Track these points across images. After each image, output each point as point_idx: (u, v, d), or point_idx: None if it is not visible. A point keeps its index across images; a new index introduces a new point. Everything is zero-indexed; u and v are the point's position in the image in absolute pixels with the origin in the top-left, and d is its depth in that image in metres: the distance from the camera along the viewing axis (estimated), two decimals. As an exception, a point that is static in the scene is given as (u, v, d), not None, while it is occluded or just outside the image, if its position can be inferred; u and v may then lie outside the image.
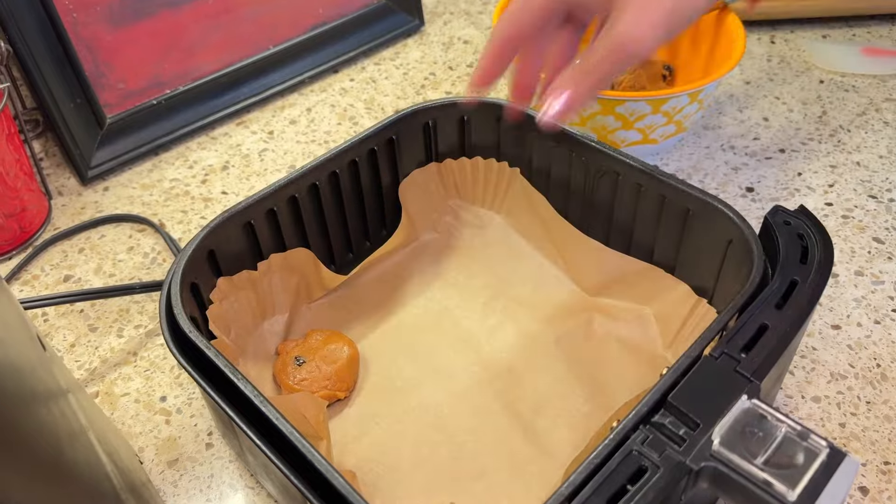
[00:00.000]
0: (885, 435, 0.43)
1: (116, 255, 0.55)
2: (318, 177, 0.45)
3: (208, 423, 0.44)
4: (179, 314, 0.36)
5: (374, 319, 0.48)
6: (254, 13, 0.66)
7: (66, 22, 0.56)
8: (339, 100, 0.68)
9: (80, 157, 0.59)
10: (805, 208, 0.39)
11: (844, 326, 0.49)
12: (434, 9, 0.80)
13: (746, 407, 0.31)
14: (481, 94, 0.43)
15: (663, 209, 0.43)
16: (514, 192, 0.50)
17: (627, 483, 0.29)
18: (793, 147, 0.61)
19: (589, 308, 0.47)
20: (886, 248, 0.53)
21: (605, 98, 0.52)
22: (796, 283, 0.35)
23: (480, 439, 0.42)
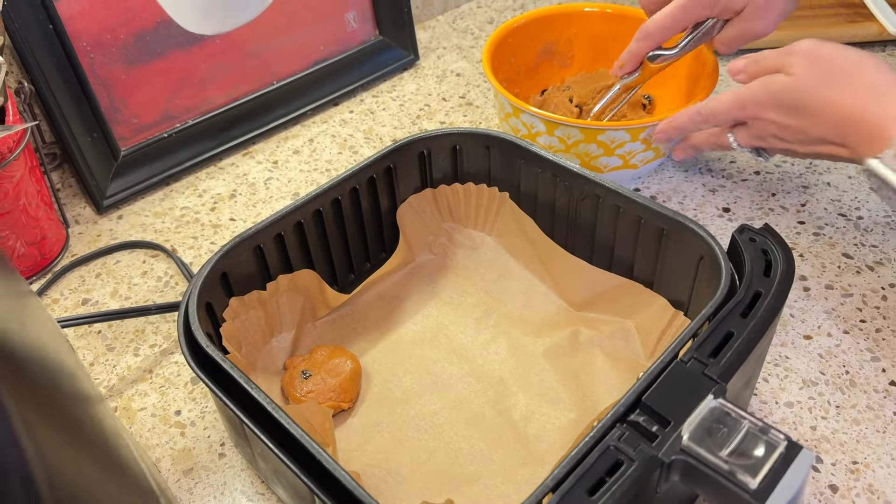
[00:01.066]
0: (853, 437, 0.46)
1: (131, 280, 0.58)
2: (322, 203, 0.48)
3: (221, 435, 0.48)
4: (197, 331, 0.40)
5: (375, 335, 0.51)
6: (259, 51, 0.70)
7: (84, 62, 0.60)
8: (339, 130, 0.72)
9: (96, 187, 0.63)
10: (769, 226, 0.43)
11: (815, 336, 0.52)
12: (428, 44, 0.84)
13: (713, 406, 0.34)
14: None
15: (640, 229, 0.46)
16: (503, 215, 0.54)
17: (606, 475, 0.32)
18: (767, 169, 0.65)
19: (575, 322, 0.50)
20: (855, 263, 0.57)
21: (587, 128, 0.56)
22: (760, 294, 0.39)
23: (475, 445, 0.45)
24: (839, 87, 0.46)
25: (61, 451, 0.18)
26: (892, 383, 0.49)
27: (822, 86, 0.47)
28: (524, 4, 0.91)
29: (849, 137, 0.46)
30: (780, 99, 0.49)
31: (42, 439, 0.17)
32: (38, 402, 0.18)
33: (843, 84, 0.46)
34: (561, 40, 0.70)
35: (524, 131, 0.59)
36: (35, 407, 0.17)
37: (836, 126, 0.47)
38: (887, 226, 0.60)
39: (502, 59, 0.63)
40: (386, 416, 0.47)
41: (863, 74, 0.46)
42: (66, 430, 0.19)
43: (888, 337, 0.51)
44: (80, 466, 0.19)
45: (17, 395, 0.16)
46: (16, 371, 0.17)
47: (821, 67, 0.47)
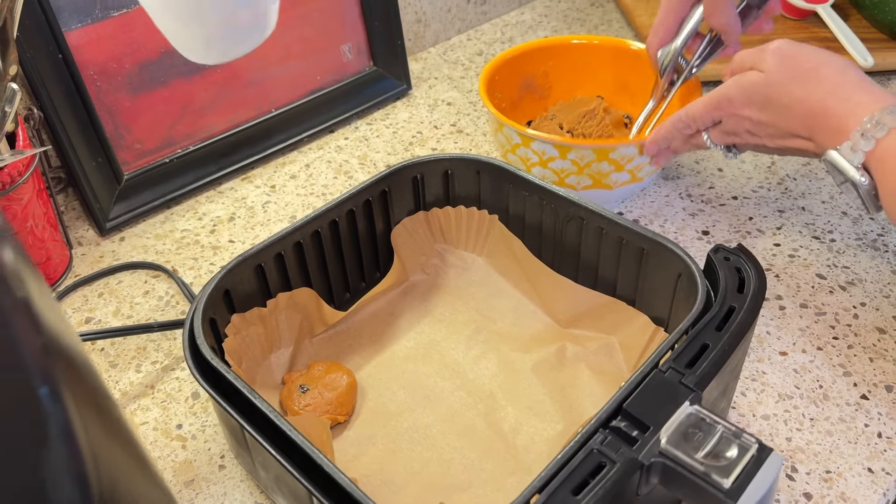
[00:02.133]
0: (826, 447, 0.49)
1: (133, 299, 0.60)
2: (320, 224, 0.51)
3: (221, 447, 0.49)
4: (202, 344, 0.42)
5: (370, 351, 0.53)
6: (258, 80, 0.73)
7: (91, 90, 0.63)
8: (335, 156, 0.75)
9: (100, 210, 0.65)
10: (742, 246, 0.45)
11: (791, 353, 0.54)
12: (420, 74, 0.87)
13: (689, 412, 0.36)
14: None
15: (622, 249, 0.49)
16: (493, 236, 0.57)
17: (589, 476, 0.34)
18: (745, 194, 0.68)
19: (561, 338, 0.53)
20: (828, 283, 0.60)
21: (599, 147, 0.59)
22: (734, 308, 0.41)
23: (466, 456, 0.47)
24: (807, 84, 0.49)
25: (105, 446, 0.20)
26: (864, 397, 0.51)
27: (791, 82, 0.50)
28: (512, 37, 0.95)
29: (815, 131, 0.49)
30: (752, 94, 0.52)
31: (92, 437, 0.19)
32: (85, 399, 0.20)
33: (810, 80, 0.49)
34: (538, 73, 0.73)
35: (535, 159, 0.62)
36: (84, 405, 0.19)
37: (803, 120, 0.50)
38: (859, 248, 0.63)
39: (492, 97, 0.67)
40: (381, 428, 0.49)
41: (828, 72, 0.49)
42: (106, 427, 0.21)
43: (859, 353, 0.54)
44: (118, 461, 0.21)
45: (74, 393, 0.19)
46: (70, 369, 0.19)
47: (790, 65, 0.50)
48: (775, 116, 0.51)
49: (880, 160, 0.46)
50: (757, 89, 0.51)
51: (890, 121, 0.45)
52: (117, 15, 0.63)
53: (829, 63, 0.49)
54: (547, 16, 0.99)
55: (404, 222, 0.56)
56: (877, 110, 0.46)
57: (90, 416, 0.20)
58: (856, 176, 0.47)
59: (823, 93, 0.48)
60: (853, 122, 0.47)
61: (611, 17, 0.98)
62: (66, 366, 0.18)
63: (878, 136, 0.45)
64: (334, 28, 0.77)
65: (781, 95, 0.50)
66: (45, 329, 0.17)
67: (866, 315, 0.57)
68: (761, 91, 0.51)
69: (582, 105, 0.69)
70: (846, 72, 0.49)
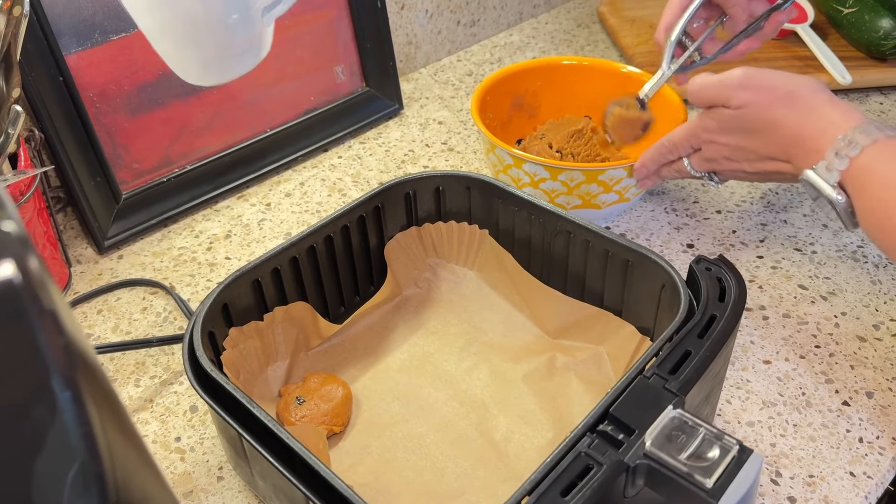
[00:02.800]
0: (809, 452, 0.50)
1: (132, 315, 0.61)
2: (315, 240, 0.52)
3: (219, 459, 0.50)
4: (202, 356, 0.43)
5: (365, 364, 0.54)
6: (253, 101, 0.74)
7: (91, 111, 0.64)
8: (329, 175, 0.77)
9: (98, 228, 0.66)
10: (723, 257, 0.47)
11: (774, 361, 0.56)
12: (412, 94, 0.89)
13: (672, 416, 0.38)
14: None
15: (608, 261, 0.51)
16: (484, 250, 0.58)
17: (577, 478, 0.35)
18: (728, 208, 0.70)
19: (551, 349, 0.54)
20: (810, 294, 0.61)
21: (589, 170, 0.61)
22: (715, 317, 0.43)
23: (459, 464, 0.48)
24: (781, 109, 0.51)
25: (120, 449, 0.22)
26: (845, 403, 0.53)
27: (765, 110, 0.52)
28: (500, 58, 0.97)
29: (792, 154, 0.51)
30: (728, 124, 0.54)
31: (110, 439, 0.21)
32: (101, 403, 0.21)
33: (784, 106, 0.51)
34: (528, 93, 0.75)
35: (526, 179, 0.64)
36: (101, 407, 0.21)
37: (780, 143, 0.52)
38: (839, 259, 0.64)
39: (484, 117, 0.68)
40: (375, 438, 0.50)
41: (801, 95, 0.51)
42: (120, 430, 0.23)
43: (840, 361, 0.56)
44: (131, 463, 0.23)
45: (94, 397, 0.20)
46: (88, 373, 0.20)
47: (763, 94, 0.52)
48: (752, 142, 0.53)
49: (855, 178, 0.47)
50: (735, 122, 0.53)
51: (862, 139, 0.47)
52: (116, 39, 0.65)
53: (800, 86, 0.51)
54: (535, 37, 1.01)
55: (397, 237, 0.57)
56: (849, 129, 0.48)
57: (107, 418, 0.21)
58: (832, 195, 0.48)
59: (797, 116, 0.50)
60: (827, 141, 0.48)
61: (597, 37, 1.00)
62: (85, 370, 0.20)
63: (851, 155, 0.47)
64: (328, 50, 0.79)
65: (757, 122, 0.52)
66: (67, 333, 0.19)
67: (847, 324, 0.59)
68: (739, 123, 0.53)
69: (571, 124, 0.71)
70: (818, 93, 0.51)
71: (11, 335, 0.17)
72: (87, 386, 0.20)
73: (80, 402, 0.20)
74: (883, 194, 0.46)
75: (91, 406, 0.20)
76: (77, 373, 0.20)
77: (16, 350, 0.18)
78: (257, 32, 0.73)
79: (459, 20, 0.96)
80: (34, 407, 0.19)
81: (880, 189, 0.46)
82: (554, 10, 1.08)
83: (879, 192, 0.46)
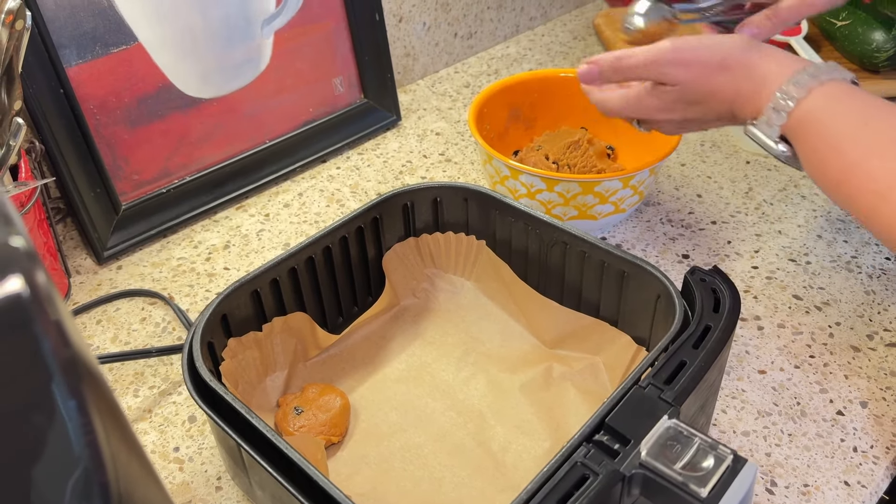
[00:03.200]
0: (804, 462, 0.50)
1: (130, 326, 0.62)
2: (314, 251, 0.52)
3: (218, 469, 0.50)
4: (201, 367, 0.43)
5: (363, 374, 0.55)
6: (252, 112, 0.75)
7: (91, 123, 0.65)
8: (327, 185, 0.77)
9: (98, 239, 0.66)
10: (717, 268, 0.47)
11: (769, 371, 0.56)
12: (409, 106, 0.90)
13: (668, 426, 0.38)
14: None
15: (604, 272, 0.51)
16: (481, 261, 0.59)
17: (573, 488, 0.36)
18: (723, 219, 0.71)
19: (548, 359, 0.55)
20: (804, 304, 0.62)
21: (585, 181, 0.61)
22: (710, 327, 0.43)
23: (457, 474, 0.48)
24: (718, 78, 0.50)
25: (122, 456, 0.22)
26: (839, 413, 0.53)
27: (703, 80, 0.51)
28: (497, 70, 0.98)
29: (736, 115, 0.51)
30: (670, 103, 0.53)
31: (114, 450, 0.21)
32: (104, 411, 0.21)
33: (720, 74, 0.50)
34: (525, 104, 0.76)
35: (522, 191, 0.64)
36: (104, 416, 0.21)
37: (724, 108, 0.51)
38: (833, 270, 0.65)
39: (481, 128, 0.69)
40: (373, 448, 0.50)
41: (734, 59, 0.50)
42: (122, 438, 0.23)
43: (835, 371, 0.56)
44: (133, 471, 0.23)
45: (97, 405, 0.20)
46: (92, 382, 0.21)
47: (697, 69, 0.51)
48: (696, 111, 0.53)
49: (794, 129, 0.47)
50: (675, 100, 0.52)
51: (796, 91, 0.46)
52: (117, 51, 0.65)
53: (731, 49, 0.50)
54: (531, 49, 1.02)
55: (395, 248, 0.58)
56: (783, 82, 0.47)
57: (110, 428, 0.21)
58: (776, 148, 0.48)
59: (735, 81, 0.49)
60: (766, 97, 0.48)
61: (593, 49, 1.01)
62: (89, 380, 0.20)
63: (788, 110, 0.47)
64: (326, 62, 0.79)
65: (698, 95, 0.51)
66: (73, 345, 0.19)
67: (841, 334, 0.59)
68: (678, 98, 0.52)
69: (567, 136, 0.72)
70: (748, 51, 0.50)
71: (20, 346, 0.18)
72: (92, 396, 0.21)
73: (85, 412, 0.20)
74: (818, 144, 0.45)
75: (95, 416, 0.20)
76: (82, 383, 0.20)
77: (23, 360, 0.18)
78: (256, 45, 0.73)
79: (457, 32, 0.97)
80: (40, 416, 0.20)
81: (816, 139, 0.45)
82: (550, 22, 1.09)
83: (815, 143, 0.46)
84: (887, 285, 0.63)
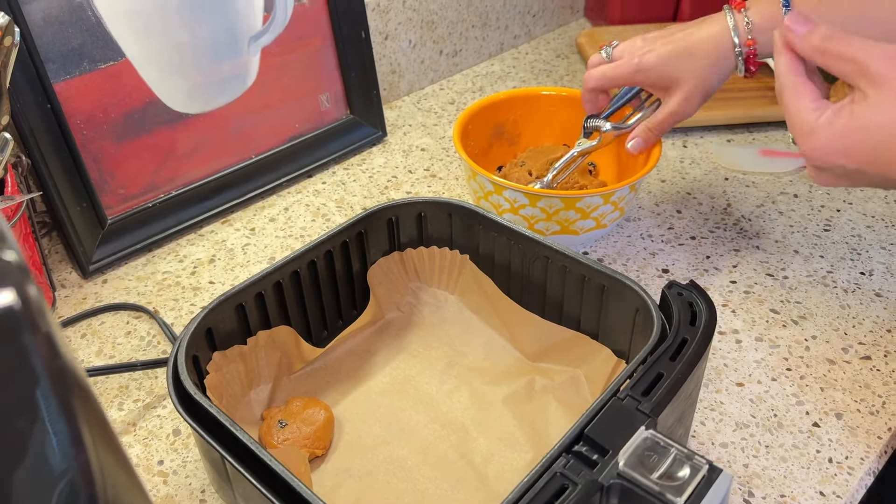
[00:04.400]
0: (781, 473, 0.51)
1: (115, 340, 0.62)
2: (299, 265, 0.53)
3: (202, 482, 0.51)
4: (186, 380, 0.44)
5: (347, 387, 0.55)
6: (239, 127, 0.76)
7: (77, 138, 0.65)
8: (313, 200, 0.78)
9: (83, 253, 0.67)
10: (694, 282, 0.49)
11: (747, 384, 0.58)
12: (395, 122, 0.91)
13: (645, 436, 0.39)
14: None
15: (585, 286, 0.52)
16: (464, 275, 0.59)
17: (553, 498, 0.36)
18: (702, 234, 0.72)
19: (530, 371, 0.55)
20: (781, 318, 0.63)
21: (567, 196, 0.63)
22: (687, 340, 0.44)
23: (440, 486, 0.49)
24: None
25: (112, 469, 0.23)
26: (815, 424, 0.54)
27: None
28: (482, 87, 0.99)
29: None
30: (850, 142, 0.43)
31: (102, 461, 0.22)
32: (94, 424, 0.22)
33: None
34: (508, 121, 0.77)
35: (506, 206, 0.65)
36: (94, 428, 0.22)
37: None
38: (810, 284, 0.66)
39: (466, 144, 0.70)
40: (357, 461, 0.50)
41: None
42: (113, 451, 0.24)
43: (811, 383, 0.57)
44: (120, 481, 0.23)
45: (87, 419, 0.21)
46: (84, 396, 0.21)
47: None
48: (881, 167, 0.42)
49: None
50: (858, 135, 0.42)
51: None
52: (104, 67, 0.66)
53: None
54: (515, 67, 1.04)
55: (380, 262, 0.58)
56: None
57: (98, 439, 0.22)
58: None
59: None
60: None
61: (575, 68, 1.03)
62: (78, 392, 0.21)
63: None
64: (312, 78, 0.80)
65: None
66: (63, 357, 0.20)
67: (817, 347, 0.60)
68: (865, 137, 0.41)
69: (549, 152, 0.73)
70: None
71: (11, 358, 0.18)
72: (81, 407, 0.21)
73: (74, 423, 0.21)
74: None
75: (84, 426, 0.21)
76: (72, 395, 0.21)
77: (14, 372, 0.19)
78: (243, 61, 0.74)
79: (442, 50, 0.98)
80: (27, 425, 0.20)
81: None
82: (534, 41, 1.11)
83: None
84: (861, 299, 0.65)
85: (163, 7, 0.67)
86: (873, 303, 0.64)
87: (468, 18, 0.99)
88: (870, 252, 0.70)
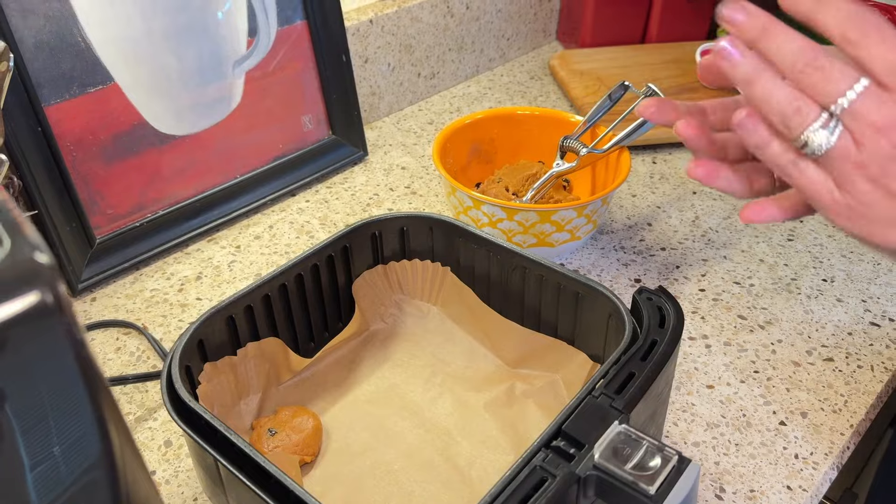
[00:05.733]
0: (750, 469, 0.54)
1: (105, 355, 0.63)
2: (286, 279, 0.55)
3: (193, 490, 0.52)
4: (180, 388, 0.45)
5: (334, 396, 0.57)
6: (224, 148, 0.78)
7: (67, 159, 0.67)
8: (297, 218, 0.80)
9: (72, 272, 0.68)
10: (663, 288, 0.51)
11: (717, 386, 0.60)
12: (376, 142, 0.94)
13: (619, 430, 0.41)
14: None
15: (560, 294, 0.55)
16: (446, 286, 0.62)
17: (532, 490, 0.39)
18: (672, 245, 0.76)
19: (510, 378, 0.58)
20: (748, 323, 0.66)
21: (543, 210, 0.65)
22: (656, 341, 0.47)
23: (426, 489, 0.51)
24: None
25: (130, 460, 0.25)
26: (782, 423, 0.57)
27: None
28: (459, 108, 1.02)
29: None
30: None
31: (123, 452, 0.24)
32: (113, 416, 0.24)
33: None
34: (485, 140, 0.80)
35: (484, 220, 0.68)
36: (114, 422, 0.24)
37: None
38: (775, 291, 0.70)
39: (445, 162, 0.73)
40: (345, 467, 0.52)
41: None
42: (129, 444, 0.26)
43: (777, 385, 0.60)
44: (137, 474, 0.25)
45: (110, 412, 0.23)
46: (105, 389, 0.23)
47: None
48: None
49: None
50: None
51: None
52: (94, 91, 0.68)
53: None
54: (491, 88, 1.07)
55: (364, 275, 0.61)
56: None
57: (118, 430, 0.24)
58: None
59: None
60: None
61: (548, 89, 1.07)
62: (101, 385, 0.23)
63: None
64: (295, 100, 0.83)
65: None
66: (89, 353, 0.22)
67: (783, 350, 0.63)
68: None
69: (525, 169, 0.76)
70: None
71: (46, 351, 0.20)
72: (105, 399, 0.23)
73: (101, 414, 0.23)
74: None
75: (108, 418, 0.23)
76: (97, 386, 0.23)
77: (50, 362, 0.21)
78: (228, 84, 0.77)
79: (420, 72, 1.01)
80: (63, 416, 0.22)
81: None
82: (508, 63, 1.14)
83: None
84: (824, 305, 0.68)
85: (150, 33, 0.70)
86: (835, 308, 0.68)
87: (444, 42, 1.03)
88: (831, 260, 0.73)
